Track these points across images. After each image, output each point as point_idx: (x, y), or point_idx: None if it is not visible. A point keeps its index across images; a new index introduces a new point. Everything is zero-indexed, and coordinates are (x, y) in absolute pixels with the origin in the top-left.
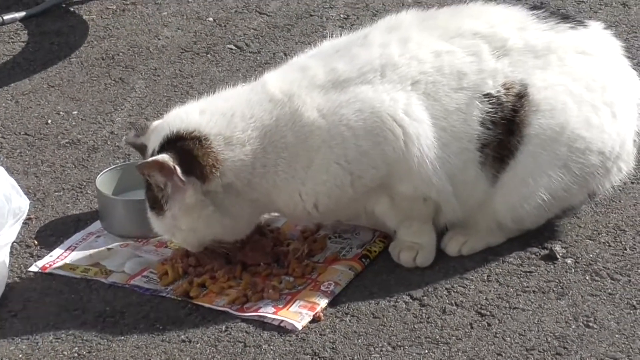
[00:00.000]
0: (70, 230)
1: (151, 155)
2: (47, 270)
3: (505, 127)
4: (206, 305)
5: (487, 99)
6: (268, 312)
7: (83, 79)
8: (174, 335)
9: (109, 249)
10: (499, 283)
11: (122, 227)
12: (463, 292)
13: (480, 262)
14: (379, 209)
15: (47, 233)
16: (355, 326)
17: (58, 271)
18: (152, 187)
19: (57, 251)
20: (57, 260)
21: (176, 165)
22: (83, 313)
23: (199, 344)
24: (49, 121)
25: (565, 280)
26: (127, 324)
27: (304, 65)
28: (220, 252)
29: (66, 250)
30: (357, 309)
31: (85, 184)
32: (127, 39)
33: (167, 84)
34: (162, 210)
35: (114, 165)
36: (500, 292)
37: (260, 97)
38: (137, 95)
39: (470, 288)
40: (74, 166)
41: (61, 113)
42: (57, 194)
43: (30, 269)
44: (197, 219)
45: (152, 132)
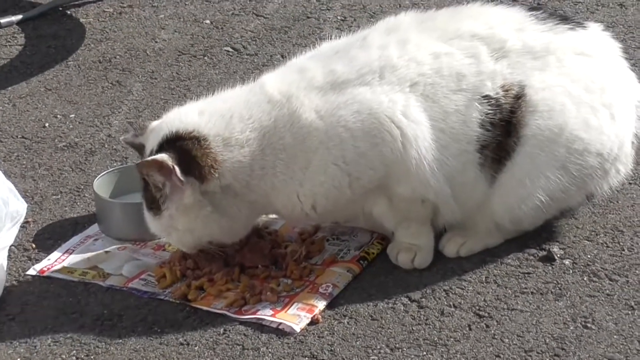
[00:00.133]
0: (68, 234)
1: (149, 154)
2: (45, 274)
3: (504, 129)
4: (204, 308)
5: (486, 101)
6: (266, 315)
7: (80, 82)
8: (172, 338)
9: (106, 252)
10: (497, 284)
11: (119, 230)
12: (461, 293)
13: (478, 264)
14: (376, 210)
15: (45, 236)
16: (353, 328)
17: (56, 274)
18: (149, 187)
19: (55, 254)
20: (55, 263)
21: (175, 165)
22: (81, 316)
23: (197, 346)
24: (46, 124)
25: (563, 282)
26: (125, 327)
27: (303, 66)
28: (217, 254)
29: (64, 253)
30: (355, 311)
31: (82, 187)
32: (124, 42)
33: (165, 87)
34: (160, 210)
35: (111, 169)
36: (499, 294)
37: (258, 98)
38: (134, 98)
39: (468, 289)
40: (71, 169)
41: (58, 116)
42: (54, 197)
43: (28, 272)
44: (195, 219)
45: (151, 132)
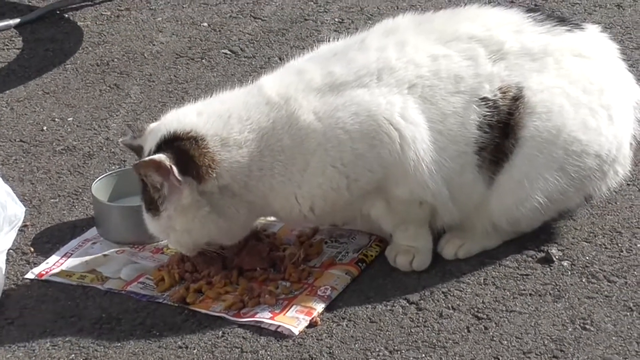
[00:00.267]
0: (66, 237)
1: (147, 155)
2: (43, 277)
3: (502, 131)
4: (203, 311)
5: (484, 103)
6: (265, 318)
7: (78, 86)
8: (170, 341)
9: (105, 255)
10: (495, 286)
11: (118, 234)
12: (460, 295)
13: (476, 266)
14: (374, 212)
15: (43, 240)
16: (352, 331)
17: (54, 278)
18: (148, 188)
19: (53, 258)
20: (53, 267)
21: (172, 165)
22: (79, 320)
23: (196, 350)
24: (44, 128)
25: (561, 283)
26: (124, 331)
27: (301, 68)
28: (216, 257)
29: (62, 257)
30: (354, 314)
31: (80, 190)
32: (122, 45)
33: (162, 90)
34: (158, 211)
35: (109, 172)
36: (497, 296)
37: (257, 100)
38: (132, 101)
39: (466, 291)
40: (69, 173)
41: (56, 120)
42: (52, 200)
43: (26, 276)
44: (193, 219)
45: (149, 133)
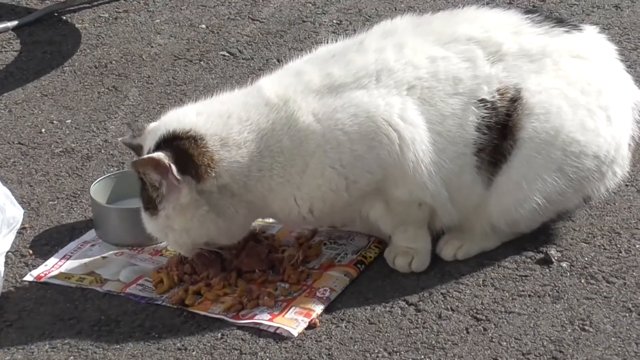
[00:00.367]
0: (64, 239)
1: (147, 154)
2: (42, 280)
3: (500, 132)
4: (202, 313)
5: (482, 105)
6: (264, 319)
7: (76, 88)
8: (169, 343)
9: (103, 257)
10: (494, 287)
11: (116, 236)
12: (459, 296)
13: (475, 267)
14: (373, 213)
15: (42, 242)
16: (351, 332)
17: (53, 280)
18: (146, 187)
19: (52, 260)
20: (52, 269)
21: (171, 164)
22: (78, 322)
23: (195, 352)
24: (43, 130)
25: (560, 284)
26: (123, 333)
27: (300, 70)
28: (214, 258)
29: (61, 259)
30: (352, 315)
31: (79, 192)
32: (120, 47)
33: (161, 92)
34: (157, 210)
35: (108, 174)
36: (496, 297)
37: (256, 101)
38: (130, 103)
39: (465, 293)
40: (68, 175)
41: (55, 122)
42: (51, 203)
43: (25, 278)
44: (191, 218)
45: (149, 133)
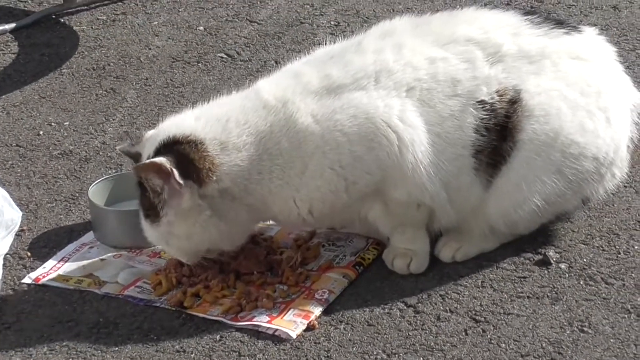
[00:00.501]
0: (63, 242)
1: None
2: (40, 282)
3: (499, 133)
4: (200, 315)
5: (481, 106)
6: (262, 321)
7: (74, 90)
8: (168, 345)
9: (102, 259)
10: (493, 289)
11: (115, 238)
12: (457, 298)
13: (474, 268)
14: (372, 215)
15: (40, 244)
16: (349, 334)
17: (51, 282)
18: (147, 193)
19: (50, 262)
20: (50, 271)
21: (173, 168)
22: (77, 324)
23: (194, 354)
24: (41, 132)
25: (559, 285)
26: (121, 335)
27: (298, 71)
28: (214, 261)
29: (59, 261)
30: (351, 317)
31: (77, 194)
32: (118, 49)
33: (159, 94)
34: (158, 217)
35: (106, 176)
36: (495, 298)
37: (254, 103)
38: (128, 105)
39: (464, 294)
40: (66, 177)
41: (53, 124)
42: (49, 205)
43: (23, 280)
44: (194, 224)
45: (147, 140)
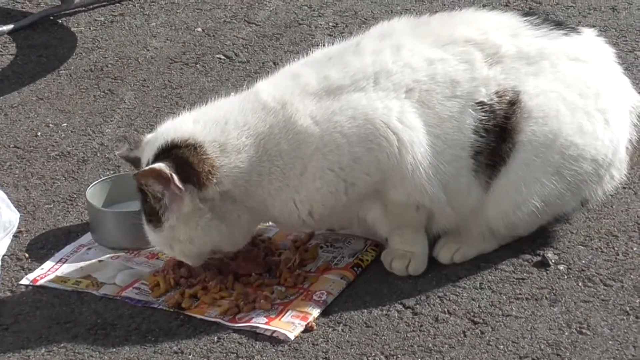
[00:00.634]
0: (61, 243)
1: (146, 165)
2: (38, 283)
3: (498, 135)
4: (198, 317)
5: (480, 107)
6: (260, 323)
7: (72, 91)
8: (166, 346)
9: (100, 261)
10: (491, 290)
11: (113, 239)
12: (456, 300)
13: (472, 270)
14: (371, 216)
15: (38, 246)
16: (348, 335)
17: (49, 284)
18: (148, 199)
19: (48, 264)
20: (48, 273)
21: (173, 173)
22: (75, 326)
23: (192, 355)
24: (39, 134)
25: (558, 287)
26: (119, 336)
27: (297, 73)
28: (213, 262)
29: (57, 262)
30: (349, 318)
31: (75, 196)
32: (116, 50)
33: (157, 95)
34: (160, 222)
35: (104, 177)
36: (493, 300)
37: (253, 105)
38: (126, 106)
39: (462, 296)
40: (64, 178)
41: (50, 125)
42: (47, 206)
43: (21, 282)
44: (195, 227)
45: (146, 144)
